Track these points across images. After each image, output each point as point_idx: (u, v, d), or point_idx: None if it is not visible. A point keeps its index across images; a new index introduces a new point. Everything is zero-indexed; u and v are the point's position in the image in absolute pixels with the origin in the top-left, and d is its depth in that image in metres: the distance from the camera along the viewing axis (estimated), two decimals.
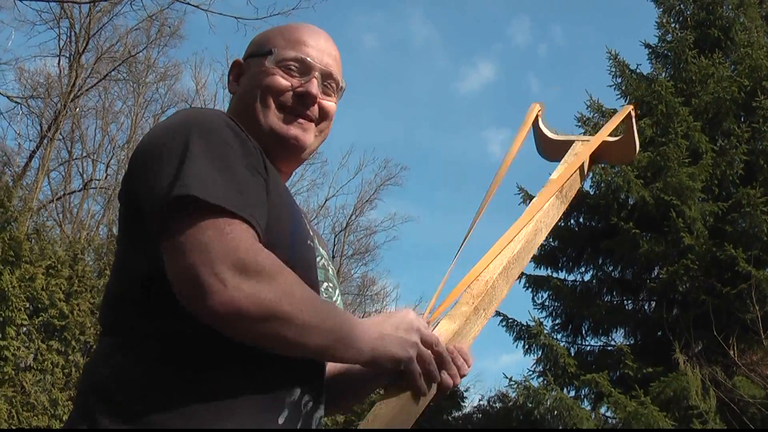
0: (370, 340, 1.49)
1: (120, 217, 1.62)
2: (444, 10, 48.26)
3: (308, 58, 1.74)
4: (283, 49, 1.73)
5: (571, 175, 2.11)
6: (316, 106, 1.75)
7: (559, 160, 2.19)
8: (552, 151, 2.33)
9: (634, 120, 2.30)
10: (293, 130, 1.72)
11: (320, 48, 1.77)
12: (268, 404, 1.47)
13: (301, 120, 1.74)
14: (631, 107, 2.31)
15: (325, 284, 1.68)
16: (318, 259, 1.67)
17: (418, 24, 47.38)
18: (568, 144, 2.23)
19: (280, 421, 1.48)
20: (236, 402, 1.43)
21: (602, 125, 2.37)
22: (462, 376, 1.63)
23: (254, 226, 1.42)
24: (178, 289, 1.37)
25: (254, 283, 1.34)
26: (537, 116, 2.34)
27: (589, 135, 2.30)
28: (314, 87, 1.73)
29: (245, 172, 1.48)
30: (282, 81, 1.72)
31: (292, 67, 1.73)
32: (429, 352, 1.56)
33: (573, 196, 2.13)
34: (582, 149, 2.19)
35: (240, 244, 1.36)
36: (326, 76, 1.77)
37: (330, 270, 1.74)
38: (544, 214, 2.00)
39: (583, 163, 2.16)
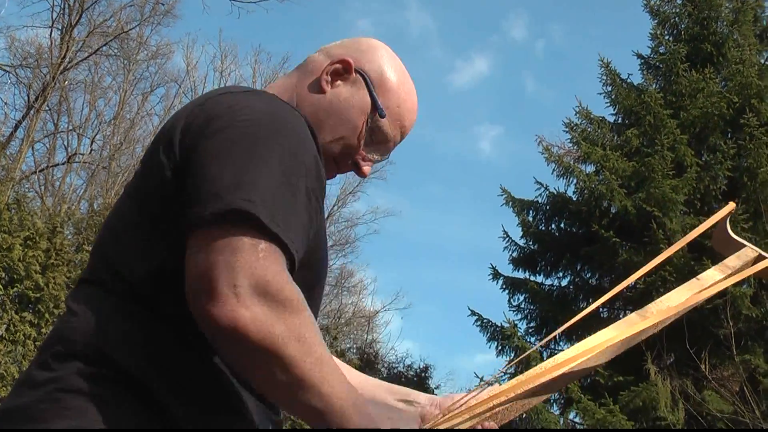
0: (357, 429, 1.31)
1: (156, 166, 1.46)
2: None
3: (388, 152, 1.74)
4: (386, 119, 1.68)
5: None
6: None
7: (724, 252, 2.39)
8: (720, 244, 2.50)
9: None
10: (328, 173, 1.67)
11: (404, 133, 1.75)
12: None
13: (337, 173, 1.74)
14: None
15: None
16: None
17: (415, 12, 47.28)
18: (739, 245, 2.40)
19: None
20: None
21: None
22: None
23: (292, 253, 1.32)
24: (190, 283, 1.28)
25: (268, 310, 1.23)
26: (729, 214, 2.51)
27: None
28: (368, 171, 1.73)
29: (305, 198, 1.39)
30: (358, 146, 1.68)
31: (375, 139, 1.69)
32: None
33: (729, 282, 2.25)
34: (754, 256, 2.34)
35: (270, 266, 1.26)
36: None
37: None
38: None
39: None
